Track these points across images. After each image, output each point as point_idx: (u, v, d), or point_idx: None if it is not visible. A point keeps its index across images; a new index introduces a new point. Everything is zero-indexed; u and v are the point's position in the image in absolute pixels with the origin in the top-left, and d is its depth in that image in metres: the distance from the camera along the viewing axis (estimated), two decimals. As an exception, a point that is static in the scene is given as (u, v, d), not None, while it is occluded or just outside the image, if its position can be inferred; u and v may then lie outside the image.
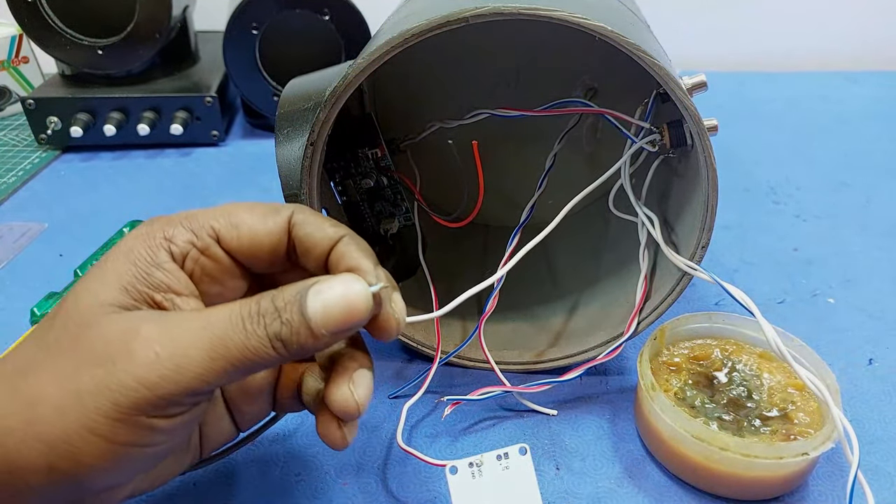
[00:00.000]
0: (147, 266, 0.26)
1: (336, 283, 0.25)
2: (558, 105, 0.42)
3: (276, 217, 0.28)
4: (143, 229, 0.27)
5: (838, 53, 0.99)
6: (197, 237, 0.27)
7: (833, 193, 0.65)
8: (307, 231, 0.28)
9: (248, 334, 0.24)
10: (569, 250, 0.52)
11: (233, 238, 0.27)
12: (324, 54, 0.70)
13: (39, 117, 0.71)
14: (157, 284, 0.26)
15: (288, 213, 0.28)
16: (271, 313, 0.24)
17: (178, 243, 0.27)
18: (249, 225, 0.27)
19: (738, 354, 0.40)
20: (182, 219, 0.27)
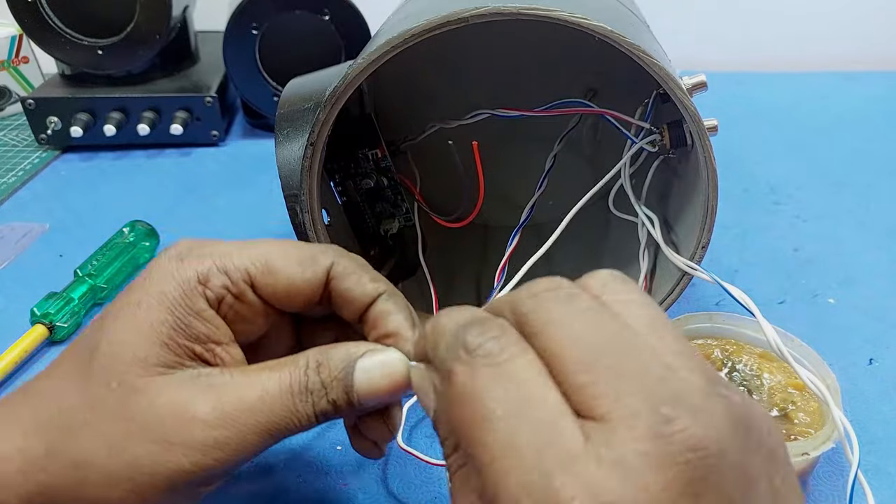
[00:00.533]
0: (185, 315, 0.25)
1: (384, 358, 0.25)
2: (558, 105, 0.42)
3: (314, 267, 0.27)
4: (172, 266, 0.26)
5: (838, 53, 0.99)
6: (232, 282, 0.26)
7: (833, 193, 0.65)
8: (346, 286, 0.27)
9: (298, 414, 0.25)
10: (569, 250, 0.52)
11: (268, 285, 0.26)
12: (324, 54, 0.70)
13: (39, 117, 0.71)
14: (196, 336, 0.25)
15: (327, 264, 0.27)
16: (318, 390, 0.25)
17: (213, 288, 0.26)
18: (287, 274, 0.26)
19: (739, 354, 0.40)
20: (215, 258, 0.26)
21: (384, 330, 0.27)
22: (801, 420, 0.36)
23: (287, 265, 0.27)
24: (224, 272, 0.26)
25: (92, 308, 0.50)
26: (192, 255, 0.26)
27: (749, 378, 0.38)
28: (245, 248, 0.27)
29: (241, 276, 0.26)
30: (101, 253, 0.52)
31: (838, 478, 0.36)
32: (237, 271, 0.26)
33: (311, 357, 0.26)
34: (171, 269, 0.26)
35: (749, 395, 0.37)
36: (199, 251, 0.26)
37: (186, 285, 0.25)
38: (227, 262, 0.26)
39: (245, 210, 0.63)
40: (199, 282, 0.25)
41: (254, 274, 0.26)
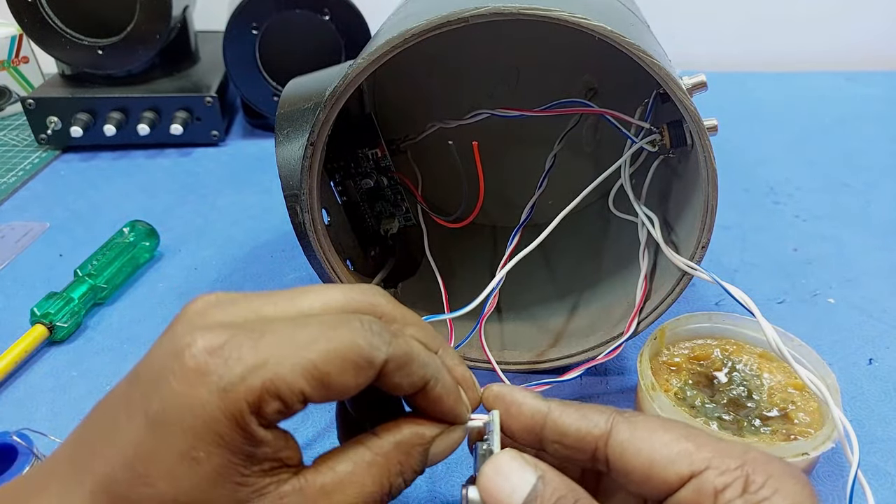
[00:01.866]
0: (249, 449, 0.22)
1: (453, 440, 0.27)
2: (558, 105, 0.42)
3: (367, 372, 0.24)
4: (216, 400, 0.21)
5: (838, 53, 0.99)
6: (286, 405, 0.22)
7: (833, 193, 0.65)
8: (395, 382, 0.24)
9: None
10: (569, 250, 0.52)
11: (320, 398, 0.23)
12: (324, 54, 0.70)
13: (39, 117, 0.71)
14: (263, 458, 0.23)
15: (381, 363, 0.24)
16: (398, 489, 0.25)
17: (266, 416, 0.22)
18: (342, 383, 0.23)
19: (739, 354, 0.40)
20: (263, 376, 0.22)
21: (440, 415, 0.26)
22: (801, 420, 0.36)
23: (342, 376, 0.23)
24: (277, 397, 0.22)
25: (92, 308, 0.50)
26: (235, 374, 0.22)
27: (749, 378, 0.38)
28: (294, 353, 0.22)
29: (297, 398, 0.23)
30: (101, 253, 0.52)
31: (838, 478, 0.36)
32: (291, 393, 0.22)
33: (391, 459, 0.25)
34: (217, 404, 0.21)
35: (749, 394, 0.37)
36: (240, 365, 0.22)
37: (241, 420, 0.22)
38: (280, 383, 0.22)
39: (245, 210, 0.63)
40: (250, 410, 0.22)
41: (309, 394, 0.23)
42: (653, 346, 0.39)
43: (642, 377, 0.37)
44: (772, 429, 0.35)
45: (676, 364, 0.39)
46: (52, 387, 0.43)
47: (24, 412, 0.41)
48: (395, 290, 0.47)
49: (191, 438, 0.21)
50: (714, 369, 0.39)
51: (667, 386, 0.38)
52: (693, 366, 0.39)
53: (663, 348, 0.40)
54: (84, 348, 0.47)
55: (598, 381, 0.43)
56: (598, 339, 0.42)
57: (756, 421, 0.36)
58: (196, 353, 0.22)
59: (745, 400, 0.37)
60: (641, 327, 0.40)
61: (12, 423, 0.40)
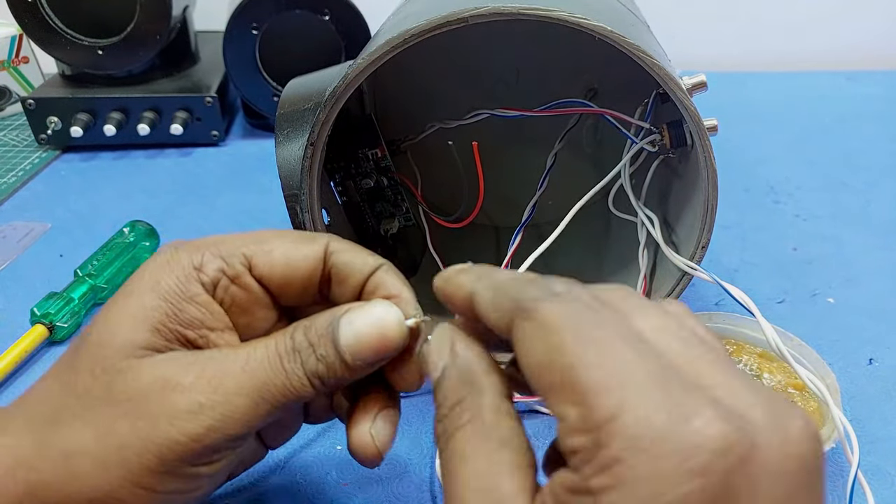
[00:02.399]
0: (178, 301, 0.24)
1: (368, 309, 0.25)
2: (558, 105, 0.42)
3: (311, 245, 0.26)
4: (166, 256, 0.25)
5: (838, 53, 0.99)
6: (227, 265, 0.25)
7: (833, 193, 0.65)
8: (345, 259, 0.26)
9: (288, 375, 0.24)
10: (569, 250, 0.52)
11: (265, 265, 0.26)
12: (324, 54, 0.70)
13: (39, 117, 0.71)
14: (189, 321, 0.24)
15: (324, 241, 0.26)
16: (306, 349, 0.24)
17: (207, 272, 0.25)
18: (283, 251, 0.26)
19: (738, 354, 0.40)
20: (210, 245, 0.26)
21: (382, 295, 0.26)
22: (801, 420, 0.36)
23: (283, 243, 0.26)
24: (219, 256, 0.25)
25: (92, 308, 0.50)
26: (187, 245, 0.26)
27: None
28: (242, 234, 0.26)
29: (238, 259, 0.25)
30: (102, 253, 0.52)
31: (838, 478, 0.36)
32: (233, 255, 0.25)
33: (297, 323, 0.25)
34: (166, 258, 0.25)
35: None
36: (195, 242, 0.26)
37: (181, 271, 0.25)
38: (222, 246, 0.26)
39: (245, 210, 0.63)
40: (195, 267, 0.25)
41: (250, 255, 0.26)
42: (653, 346, 0.39)
43: (642, 377, 0.37)
44: (772, 429, 0.35)
45: (676, 364, 0.39)
46: (53, 387, 0.43)
47: (24, 412, 0.41)
48: (395, 290, 0.47)
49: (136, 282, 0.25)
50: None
51: (667, 386, 0.38)
52: (693, 366, 0.39)
53: (663, 348, 0.40)
54: (84, 348, 0.47)
55: (598, 381, 0.43)
56: (598, 339, 0.42)
57: (756, 421, 0.36)
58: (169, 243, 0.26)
59: (745, 400, 0.37)
60: (641, 327, 0.40)
61: None
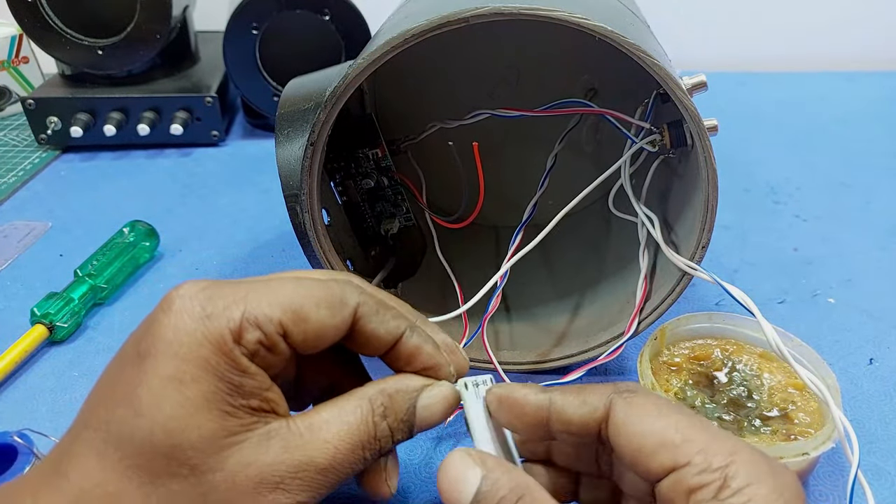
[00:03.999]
0: (234, 377, 0.23)
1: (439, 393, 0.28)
2: (558, 105, 0.42)
3: (343, 312, 0.26)
4: (200, 326, 0.23)
5: (838, 53, 0.99)
6: (265, 335, 0.24)
7: (833, 193, 0.65)
8: (371, 327, 0.27)
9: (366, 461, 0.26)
10: (569, 250, 0.52)
11: (300, 334, 0.25)
12: (324, 54, 0.70)
13: (39, 117, 0.71)
14: (249, 392, 0.24)
15: (354, 305, 0.26)
16: (385, 437, 0.26)
17: (248, 345, 0.24)
18: (317, 320, 0.25)
19: (739, 354, 0.40)
20: (239, 302, 0.24)
21: (421, 365, 0.28)
22: (801, 420, 0.36)
23: (318, 311, 0.25)
24: (257, 326, 0.24)
25: (92, 308, 0.50)
26: (218, 307, 0.24)
27: (749, 378, 0.38)
28: (271, 294, 0.25)
29: (275, 329, 0.25)
30: (102, 253, 0.52)
31: (838, 478, 0.36)
32: (270, 323, 0.24)
33: (375, 401, 0.26)
34: (201, 329, 0.23)
35: (749, 394, 0.37)
36: (221, 300, 0.24)
37: (224, 346, 0.23)
38: (259, 313, 0.24)
39: (245, 210, 0.63)
40: (234, 339, 0.24)
41: (286, 324, 0.25)
42: (653, 346, 0.39)
43: (642, 377, 0.37)
44: (772, 429, 0.35)
45: (676, 364, 0.39)
46: (53, 387, 0.43)
47: (24, 412, 0.41)
48: (395, 290, 0.47)
49: (176, 362, 0.23)
50: (714, 369, 0.39)
51: (667, 386, 0.38)
52: (693, 366, 0.39)
53: (663, 348, 0.40)
54: (84, 348, 0.47)
55: (598, 381, 0.43)
56: (598, 339, 0.42)
57: (756, 421, 0.36)
58: (182, 295, 0.24)
59: (745, 400, 0.37)
60: (642, 327, 0.40)
61: (12, 423, 0.40)
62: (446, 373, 0.28)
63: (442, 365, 0.28)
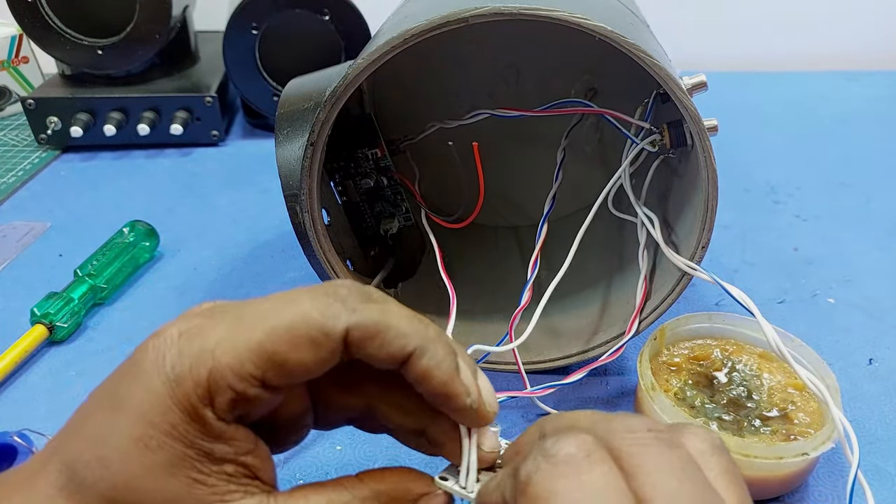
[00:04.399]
0: (206, 444, 0.22)
1: None
2: (558, 105, 0.42)
3: (326, 344, 0.22)
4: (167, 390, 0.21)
5: (838, 53, 0.99)
6: (237, 393, 0.22)
7: (833, 193, 0.65)
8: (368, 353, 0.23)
9: None
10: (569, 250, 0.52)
11: (278, 378, 0.22)
12: (324, 54, 0.70)
13: (39, 117, 0.71)
14: (223, 457, 0.22)
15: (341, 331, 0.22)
16: None
17: (221, 406, 0.22)
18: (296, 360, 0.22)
19: (738, 354, 0.40)
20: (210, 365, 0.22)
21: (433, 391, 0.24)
22: (801, 420, 0.36)
23: (296, 352, 0.22)
24: (227, 386, 0.22)
25: (92, 308, 0.50)
26: (185, 367, 0.22)
27: (749, 378, 0.38)
28: (241, 340, 0.22)
29: (248, 383, 0.22)
30: (101, 253, 0.52)
31: (838, 478, 0.36)
32: (241, 381, 0.22)
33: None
34: (168, 394, 0.21)
35: (749, 394, 0.37)
36: (188, 358, 0.22)
37: (193, 412, 0.21)
38: (227, 370, 0.21)
39: (245, 210, 0.63)
40: (204, 404, 0.22)
41: (261, 375, 0.22)
42: (653, 346, 0.39)
43: (642, 377, 0.37)
44: (772, 429, 0.35)
45: (676, 364, 0.39)
46: (52, 387, 0.43)
47: (23, 412, 0.41)
48: (395, 290, 0.47)
49: (144, 425, 0.21)
50: (714, 369, 0.39)
51: (667, 386, 0.38)
52: (693, 366, 0.39)
53: (663, 348, 0.40)
54: (84, 348, 0.47)
55: (598, 381, 0.43)
56: (598, 339, 0.42)
57: (756, 421, 0.36)
58: (158, 344, 0.22)
59: (745, 400, 0.37)
60: (641, 327, 0.40)
61: (12, 423, 0.40)
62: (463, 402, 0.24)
63: (459, 394, 0.24)
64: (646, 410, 0.37)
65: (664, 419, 0.35)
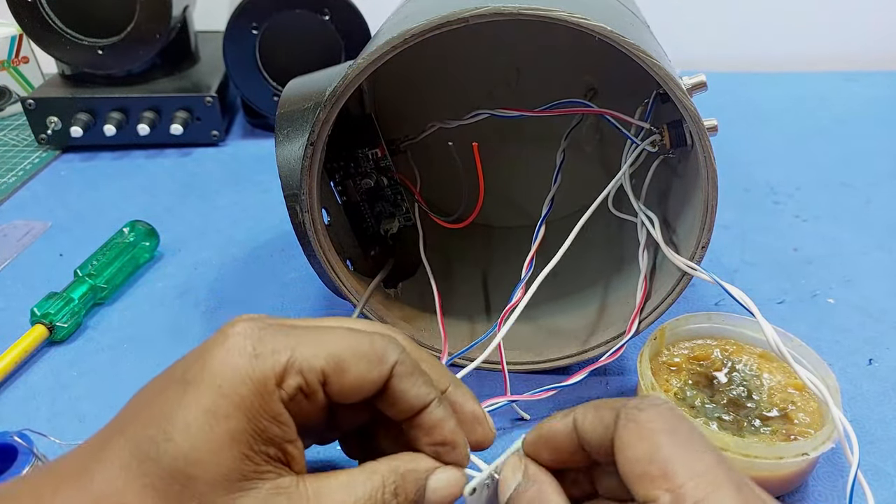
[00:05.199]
0: (263, 422, 0.24)
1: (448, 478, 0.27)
2: (558, 105, 0.42)
3: (381, 368, 0.26)
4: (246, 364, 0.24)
5: (838, 53, 0.99)
6: (307, 383, 0.25)
7: (833, 193, 0.65)
8: (404, 388, 0.27)
9: None
10: (568, 250, 0.52)
11: (338, 384, 0.26)
12: (324, 54, 0.70)
13: (39, 117, 0.71)
14: (271, 439, 0.25)
15: (392, 363, 0.27)
16: None
17: (287, 389, 0.25)
18: (357, 375, 0.26)
19: (738, 354, 0.40)
20: (290, 353, 0.25)
21: (440, 438, 0.28)
22: (801, 420, 0.36)
23: (358, 365, 0.26)
24: (300, 372, 0.25)
25: (92, 308, 0.50)
26: (267, 349, 0.25)
27: (749, 378, 0.38)
28: (318, 343, 0.26)
29: (316, 377, 0.25)
30: (102, 253, 0.52)
31: (838, 478, 0.36)
32: (312, 371, 0.25)
33: (387, 478, 0.26)
34: (247, 368, 0.24)
35: (749, 395, 0.37)
36: (271, 343, 0.25)
37: (264, 388, 0.24)
38: (303, 360, 0.25)
39: (245, 210, 0.63)
40: (276, 383, 0.24)
41: (328, 373, 0.26)
42: (653, 346, 0.39)
43: (642, 377, 0.37)
44: (772, 429, 0.35)
45: (676, 364, 0.39)
46: (52, 387, 0.43)
47: (24, 412, 0.41)
48: (395, 290, 0.47)
49: (216, 396, 0.24)
50: (714, 369, 0.39)
51: (667, 386, 0.38)
52: (693, 366, 0.39)
53: (663, 348, 0.40)
54: (84, 348, 0.47)
55: (598, 381, 0.43)
56: (598, 339, 0.42)
57: (756, 421, 0.36)
58: (237, 332, 0.25)
59: (745, 400, 0.37)
60: (641, 327, 0.40)
61: (12, 423, 0.40)
62: (462, 454, 0.28)
63: (459, 444, 0.28)
64: (646, 410, 0.37)
65: (664, 419, 0.35)
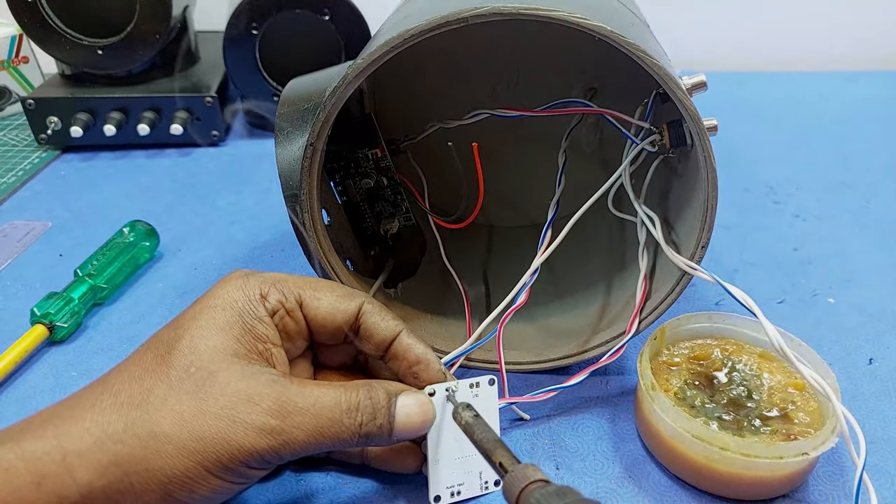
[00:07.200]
0: (250, 318, 0.31)
1: (419, 397, 0.32)
2: (558, 105, 0.42)
3: (350, 302, 0.34)
4: (239, 282, 0.32)
5: (838, 53, 0.99)
6: (286, 299, 0.32)
7: (833, 193, 0.65)
8: (373, 321, 0.34)
9: (345, 427, 0.29)
10: (568, 250, 0.52)
11: (313, 308, 0.33)
12: (324, 54, 0.70)
13: (39, 117, 0.71)
14: (259, 336, 0.31)
15: (360, 301, 0.34)
16: (368, 413, 0.30)
17: (270, 301, 0.32)
18: (329, 302, 0.33)
19: (739, 354, 0.40)
20: (274, 280, 0.33)
21: (414, 357, 0.34)
22: (801, 420, 0.36)
23: (331, 295, 0.33)
24: (281, 291, 0.32)
25: (92, 308, 0.50)
26: (256, 276, 0.33)
27: (749, 378, 0.38)
28: (297, 278, 0.34)
29: (294, 297, 0.33)
30: (101, 253, 0.52)
31: (838, 478, 0.36)
32: (291, 293, 0.33)
33: (361, 386, 0.31)
34: (239, 283, 0.32)
35: (749, 394, 0.37)
36: (259, 276, 0.33)
37: (251, 295, 0.32)
38: (283, 283, 0.33)
39: (245, 210, 0.63)
40: (261, 295, 0.32)
41: (304, 297, 0.33)
42: (653, 345, 0.39)
43: (642, 377, 0.37)
44: (772, 429, 0.35)
45: (676, 364, 0.39)
46: (52, 387, 0.43)
47: (24, 412, 0.41)
48: (395, 290, 0.47)
49: (213, 299, 0.31)
50: (714, 369, 0.39)
51: (667, 386, 0.38)
52: (693, 366, 0.39)
53: (663, 348, 0.40)
54: (84, 348, 0.47)
55: (598, 381, 0.43)
56: (598, 338, 0.42)
57: (756, 421, 0.36)
58: (233, 275, 0.33)
59: (745, 400, 0.37)
60: (641, 327, 0.40)
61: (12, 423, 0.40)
62: (436, 368, 0.34)
63: (432, 361, 0.34)
64: (646, 410, 0.37)
65: (664, 419, 0.35)
